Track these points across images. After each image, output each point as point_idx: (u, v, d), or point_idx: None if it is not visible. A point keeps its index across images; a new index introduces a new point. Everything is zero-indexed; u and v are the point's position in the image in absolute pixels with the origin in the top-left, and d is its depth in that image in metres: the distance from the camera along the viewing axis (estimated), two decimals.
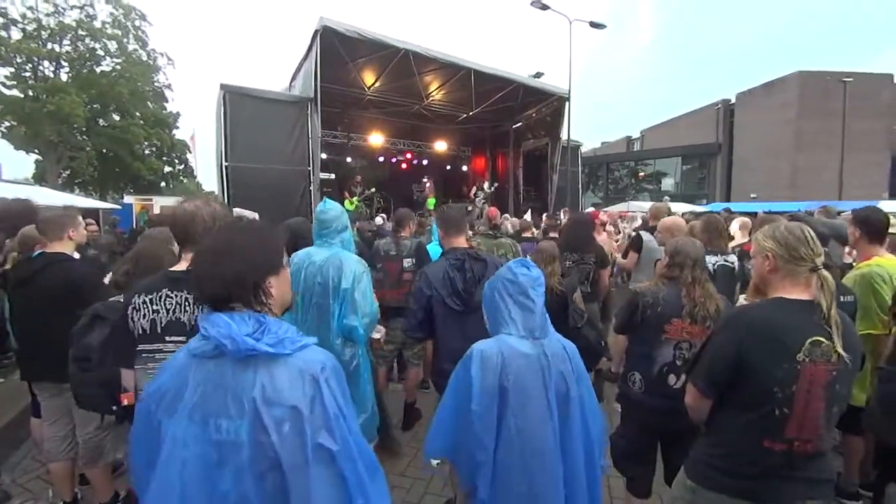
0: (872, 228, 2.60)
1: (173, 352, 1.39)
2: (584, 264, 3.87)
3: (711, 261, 3.11)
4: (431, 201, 11.77)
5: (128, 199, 18.25)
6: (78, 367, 1.93)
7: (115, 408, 1.79)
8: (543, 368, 1.46)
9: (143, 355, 1.46)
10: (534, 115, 13.13)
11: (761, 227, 1.66)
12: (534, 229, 5.65)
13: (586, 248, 3.91)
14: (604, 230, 5.42)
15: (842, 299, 2.20)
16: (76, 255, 2.50)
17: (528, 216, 7.24)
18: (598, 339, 2.61)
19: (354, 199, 11.38)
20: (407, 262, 3.64)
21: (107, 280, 2.36)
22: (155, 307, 1.45)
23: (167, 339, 1.44)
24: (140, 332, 1.45)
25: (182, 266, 1.52)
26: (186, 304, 1.44)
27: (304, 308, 2.29)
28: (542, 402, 1.44)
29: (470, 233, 5.59)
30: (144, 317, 1.45)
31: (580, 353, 2.67)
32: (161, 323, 1.44)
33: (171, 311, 1.45)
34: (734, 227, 4.15)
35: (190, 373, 0.95)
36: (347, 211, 9.68)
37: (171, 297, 1.45)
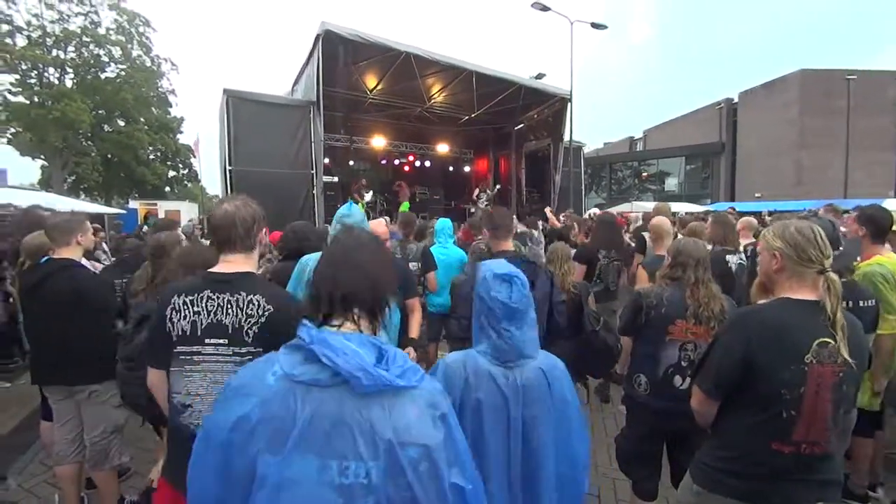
0: (878, 227, 2.59)
1: (212, 355, 1.40)
2: (616, 261, 4.01)
3: (733, 259, 3.14)
4: (405, 205, 11.78)
5: (133, 203, 18.38)
6: (125, 366, 1.97)
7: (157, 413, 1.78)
8: (509, 401, 1.28)
9: (181, 357, 1.43)
10: (536, 116, 13.13)
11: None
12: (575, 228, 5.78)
13: (618, 246, 4.02)
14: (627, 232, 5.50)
15: (861, 304, 2.19)
16: (89, 262, 2.53)
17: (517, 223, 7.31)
18: (616, 342, 2.60)
19: (363, 201, 11.37)
20: (413, 266, 3.64)
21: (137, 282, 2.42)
22: (196, 308, 1.42)
23: (207, 341, 1.41)
24: (179, 333, 1.42)
25: (223, 268, 1.49)
26: (229, 306, 1.41)
27: None
28: (502, 430, 1.28)
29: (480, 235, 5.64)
30: (185, 318, 1.42)
31: (596, 356, 2.66)
32: (202, 325, 1.41)
33: (212, 313, 1.41)
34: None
35: (295, 403, 0.83)
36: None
37: (213, 299, 1.42)
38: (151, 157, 25.46)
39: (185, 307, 1.42)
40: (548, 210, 7.74)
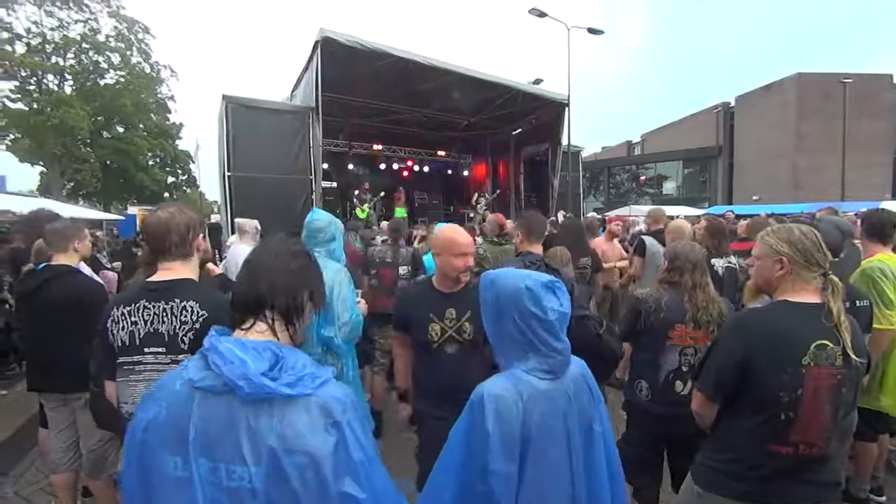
0: (874, 228, 2.64)
1: (153, 363, 1.41)
2: (581, 269, 3.93)
3: (719, 263, 3.12)
4: (400, 211, 11.78)
5: (131, 209, 18.38)
6: (94, 384, 1.93)
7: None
8: (566, 411, 1.21)
9: (125, 367, 1.44)
10: (534, 121, 13.16)
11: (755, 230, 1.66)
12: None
13: (582, 253, 3.97)
14: (615, 239, 5.40)
15: (857, 304, 2.19)
16: (88, 268, 2.52)
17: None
18: (620, 346, 2.60)
19: (366, 206, 11.34)
20: (402, 270, 3.67)
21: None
22: (133, 318, 1.43)
23: (146, 350, 1.42)
24: (120, 344, 1.44)
25: (160, 276, 1.50)
26: (164, 314, 1.43)
27: None
28: (564, 450, 1.20)
29: (479, 239, 5.64)
30: (123, 329, 1.43)
31: (598, 361, 2.64)
32: (139, 334, 1.43)
33: (148, 323, 1.43)
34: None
35: (193, 408, 0.86)
36: (360, 219, 9.62)
37: (149, 308, 1.43)
38: (150, 162, 25.47)
39: (123, 318, 1.44)
40: (560, 214, 7.73)
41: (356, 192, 11.67)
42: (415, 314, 2.02)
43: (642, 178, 30.39)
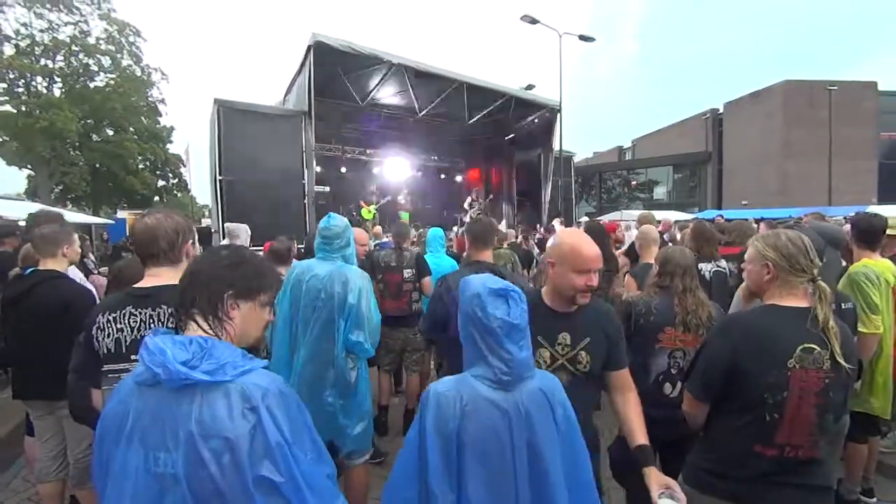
0: (861, 232, 2.66)
1: None
2: (606, 271, 3.99)
3: (707, 268, 3.15)
4: (404, 215, 11.78)
5: (121, 213, 18.18)
6: (75, 376, 1.91)
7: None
8: (513, 428, 1.18)
9: (109, 375, 1.41)
10: (526, 126, 13.27)
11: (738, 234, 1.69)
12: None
13: (606, 256, 4.03)
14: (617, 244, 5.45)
15: (843, 307, 2.22)
16: (78, 272, 2.48)
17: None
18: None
19: (372, 207, 11.32)
20: (407, 273, 3.69)
21: None
22: (119, 326, 1.40)
23: (132, 357, 1.38)
24: (105, 351, 1.41)
25: (147, 283, 1.48)
26: (151, 321, 1.40)
27: (304, 320, 2.26)
28: (507, 463, 1.17)
29: None
30: (109, 336, 1.41)
31: None
32: (126, 342, 1.40)
33: (135, 330, 1.40)
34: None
35: (132, 401, 0.92)
36: (365, 219, 9.59)
37: (136, 315, 1.41)
38: (140, 166, 25.21)
39: (109, 325, 1.41)
40: (556, 222, 7.78)
41: (364, 193, 11.65)
42: None
43: (633, 182, 30.67)
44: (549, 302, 1.64)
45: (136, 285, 1.49)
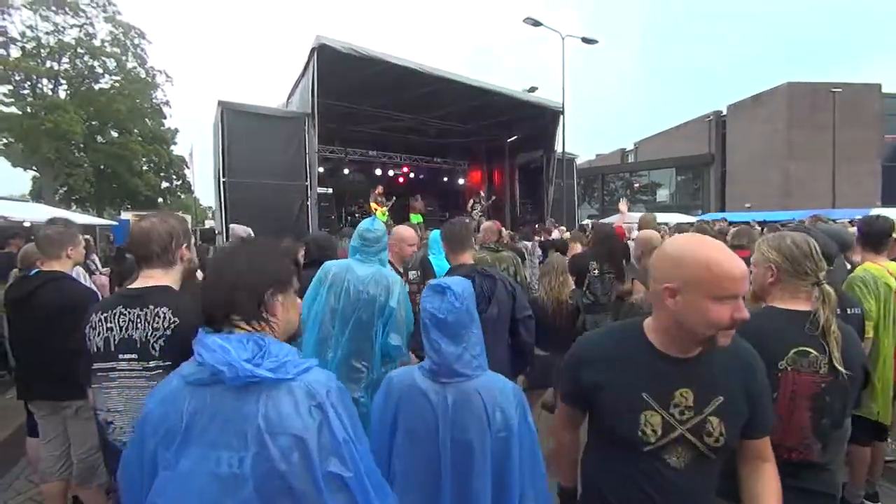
0: (868, 236, 2.64)
1: (126, 370, 1.41)
2: (609, 273, 4.01)
3: None
4: (415, 217, 11.68)
5: (125, 215, 18.26)
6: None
7: None
8: (441, 418, 1.24)
9: (98, 374, 1.43)
10: (528, 128, 13.26)
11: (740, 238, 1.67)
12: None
13: (614, 259, 4.00)
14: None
15: (849, 312, 2.21)
16: (82, 273, 2.50)
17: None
18: None
19: (384, 208, 11.26)
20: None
21: None
22: (109, 325, 1.43)
23: (120, 356, 1.41)
24: (95, 350, 1.43)
25: (139, 283, 1.51)
26: (139, 320, 1.42)
27: (343, 320, 2.25)
28: (433, 451, 1.24)
29: (476, 246, 5.61)
30: (99, 335, 1.43)
31: None
32: (114, 341, 1.42)
33: (123, 329, 1.42)
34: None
35: (185, 401, 0.90)
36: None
37: (125, 315, 1.43)
38: (145, 168, 25.33)
39: (101, 324, 1.44)
40: (550, 223, 7.72)
41: (373, 195, 11.56)
42: (611, 384, 1.14)
43: (636, 185, 30.60)
44: (659, 343, 1.13)
45: (128, 286, 1.53)
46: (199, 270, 2.89)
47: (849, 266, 3.06)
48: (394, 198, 12.00)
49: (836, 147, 21.85)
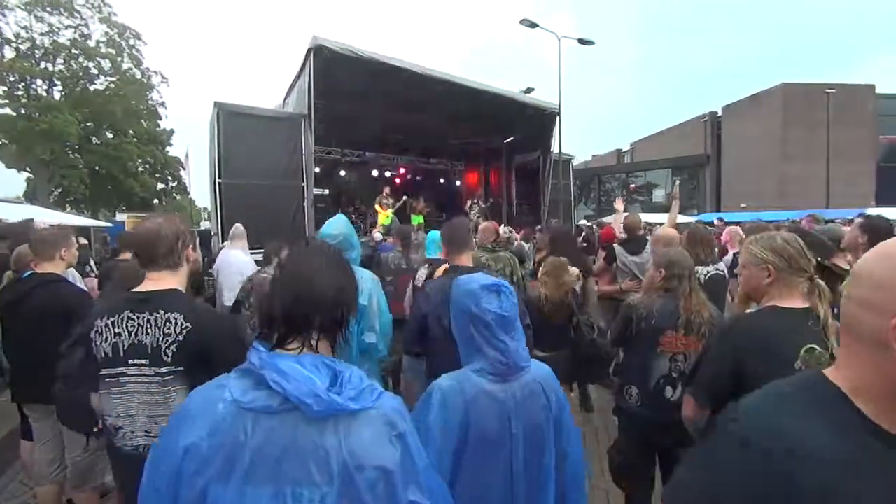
0: (875, 235, 2.62)
1: (137, 376, 1.38)
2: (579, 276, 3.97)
3: (703, 271, 3.15)
4: (416, 218, 11.60)
5: (120, 216, 18.18)
6: (63, 383, 1.90)
7: (95, 429, 1.76)
8: (511, 415, 1.25)
9: (107, 380, 1.40)
10: (525, 129, 13.28)
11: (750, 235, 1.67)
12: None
13: (575, 260, 3.99)
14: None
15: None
16: (77, 276, 2.48)
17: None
18: (612, 350, 2.62)
19: (389, 211, 11.19)
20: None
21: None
22: (117, 330, 1.40)
23: (130, 362, 1.39)
24: (103, 355, 1.41)
25: (146, 287, 1.49)
26: (149, 325, 1.40)
27: None
28: (505, 451, 1.25)
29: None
30: (107, 340, 1.40)
31: (594, 363, 2.65)
32: (123, 346, 1.40)
33: (132, 334, 1.40)
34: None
35: (245, 432, 0.80)
36: (383, 225, 9.44)
37: (133, 320, 1.41)
38: (140, 169, 25.22)
39: (107, 329, 1.41)
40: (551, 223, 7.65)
41: (379, 197, 11.51)
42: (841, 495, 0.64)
43: (632, 185, 30.70)
44: (876, 414, 0.67)
45: (135, 290, 1.49)
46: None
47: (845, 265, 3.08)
48: (404, 197, 11.93)
49: (830, 147, 21.99)
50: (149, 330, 1.40)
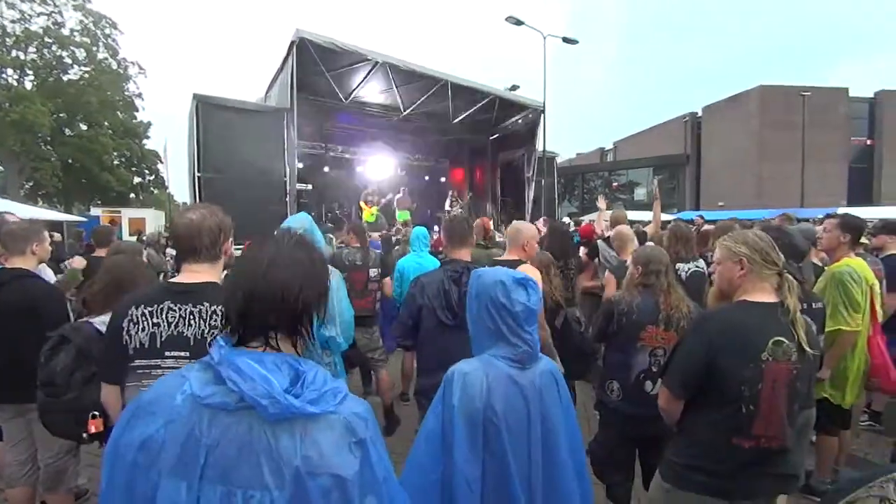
0: (854, 232, 2.72)
1: (173, 368, 1.32)
2: (567, 270, 4.02)
3: (684, 268, 3.22)
4: (402, 215, 11.51)
5: (95, 210, 17.67)
6: (45, 392, 1.83)
7: (84, 434, 1.71)
8: (529, 401, 1.30)
9: (139, 371, 1.36)
10: (510, 126, 13.34)
11: (721, 234, 1.72)
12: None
13: (568, 256, 4.07)
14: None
15: (814, 306, 2.29)
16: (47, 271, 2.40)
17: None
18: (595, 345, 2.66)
19: (374, 208, 11.07)
20: (373, 272, 3.72)
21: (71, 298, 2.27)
22: (156, 320, 1.36)
23: (167, 353, 1.36)
24: (137, 345, 1.36)
25: (185, 278, 1.45)
26: (191, 317, 1.37)
27: None
28: (524, 434, 1.30)
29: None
30: (143, 330, 1.36)
31: (580, 358, 2.71)
32: (161, 337, 1.36)
33: (172, 325, 1.36)
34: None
35: (201, 427, 0.78)
36: (367, 223, 9.30)
37: (174, 310, 1.37)
38: (116, 162, 24.57)
39: (144, 319, 1.36)
40: (540, 222, 7.73)
41: (363, 194, 11.37)
42: None
43: (615, 184, 31.13)
44: None
45: (173, 280, 1.47)
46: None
47: (815, 262, 3.18)
48: (389, 194, 11.84)
49: (805, 148, 22.64)
50: (192, 321, 1.37)
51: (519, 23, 13.65)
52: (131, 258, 2.11)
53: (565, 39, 14.75)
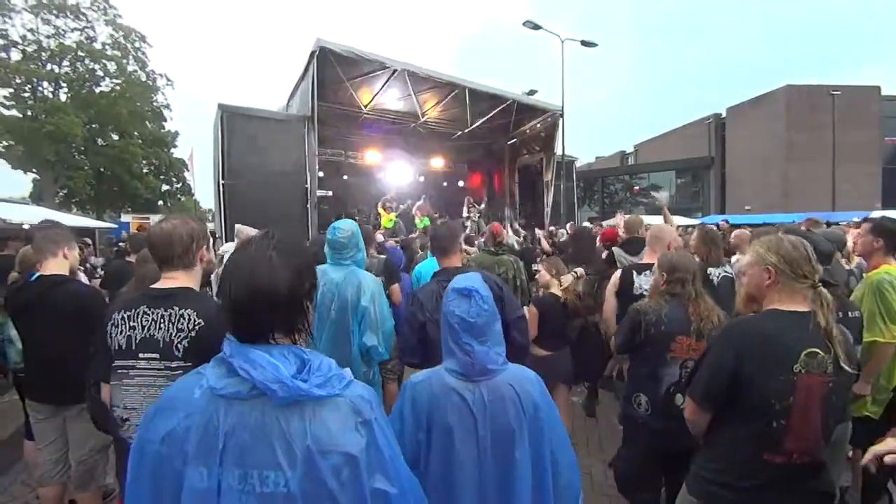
0: (889, 238, 2.53)
1: (146, 369, 1.43)
2: (590, 275, 3.96)
3: (715, 272, 3.11)
4: (422, 221, 11.50)
5: (125, 217, 18.25)
6: (95, 389, 1.91)
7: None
8: (478, 414, 1.27)
9: (118, 371, 1.47)
10: (528, 131, 13.27)
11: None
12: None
13: (592, 261, 4.01)
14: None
15: (850, 315, 2.17)
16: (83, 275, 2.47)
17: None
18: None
19: (392, 214, 11.16)
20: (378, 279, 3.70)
21: None
22: (132, 324, 1.46)
23: (140, 355, 1.45)
24: (116, 347, 1.47)
25: (162, 284, 1.54)
26: (162, 321, 1.45)
27: (318, 326, 2.26)
28: (472, 449, 1.26)
29: (473, 249, 5.59)
30: (121, 333, 1.47)
31: (595, 356, 2.57)
32: (136, 340, 1.45)
33: (145, 328, 1.45)
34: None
35: (218, 416, 0.84)
36: (385, 228, 9.39)
37: (148, 314, 1.47)
38: (145, 170, 25.35)
39: (123, 322, 1.47)
40: (569, 226, 7.64)
41: (382, 199, 11.46)
42: None
43: (636, 188, 30.61)
44: None
45: (152, 286, 1.55)
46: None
47: (849, 267, 3.04)
48: (408, 201, 11.89)
49: (835, 149, 21.87)
50: (162, 325, 1.45)
51: (537, 27, 13.61)
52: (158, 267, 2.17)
53: (584, 42, 14.63)
